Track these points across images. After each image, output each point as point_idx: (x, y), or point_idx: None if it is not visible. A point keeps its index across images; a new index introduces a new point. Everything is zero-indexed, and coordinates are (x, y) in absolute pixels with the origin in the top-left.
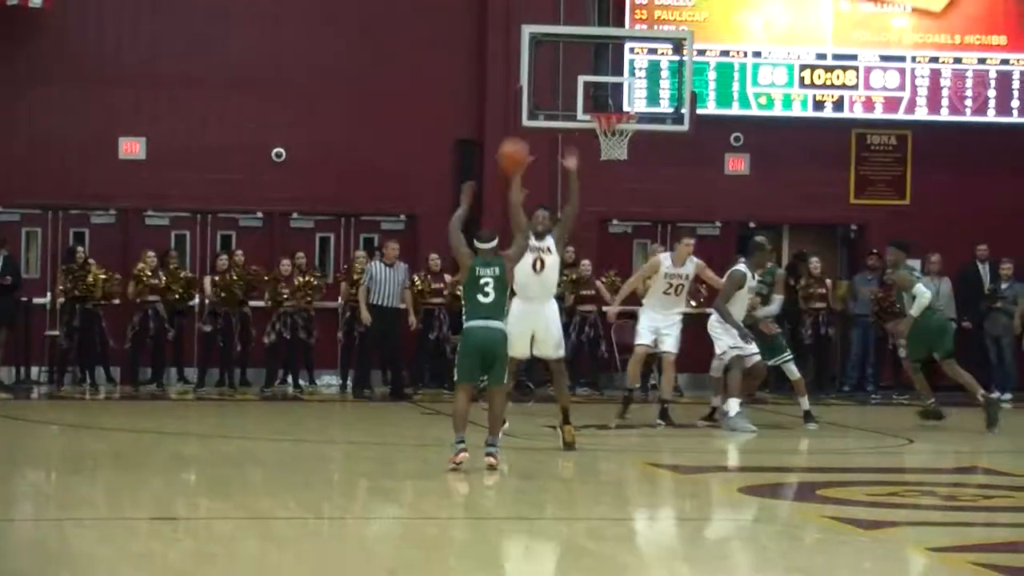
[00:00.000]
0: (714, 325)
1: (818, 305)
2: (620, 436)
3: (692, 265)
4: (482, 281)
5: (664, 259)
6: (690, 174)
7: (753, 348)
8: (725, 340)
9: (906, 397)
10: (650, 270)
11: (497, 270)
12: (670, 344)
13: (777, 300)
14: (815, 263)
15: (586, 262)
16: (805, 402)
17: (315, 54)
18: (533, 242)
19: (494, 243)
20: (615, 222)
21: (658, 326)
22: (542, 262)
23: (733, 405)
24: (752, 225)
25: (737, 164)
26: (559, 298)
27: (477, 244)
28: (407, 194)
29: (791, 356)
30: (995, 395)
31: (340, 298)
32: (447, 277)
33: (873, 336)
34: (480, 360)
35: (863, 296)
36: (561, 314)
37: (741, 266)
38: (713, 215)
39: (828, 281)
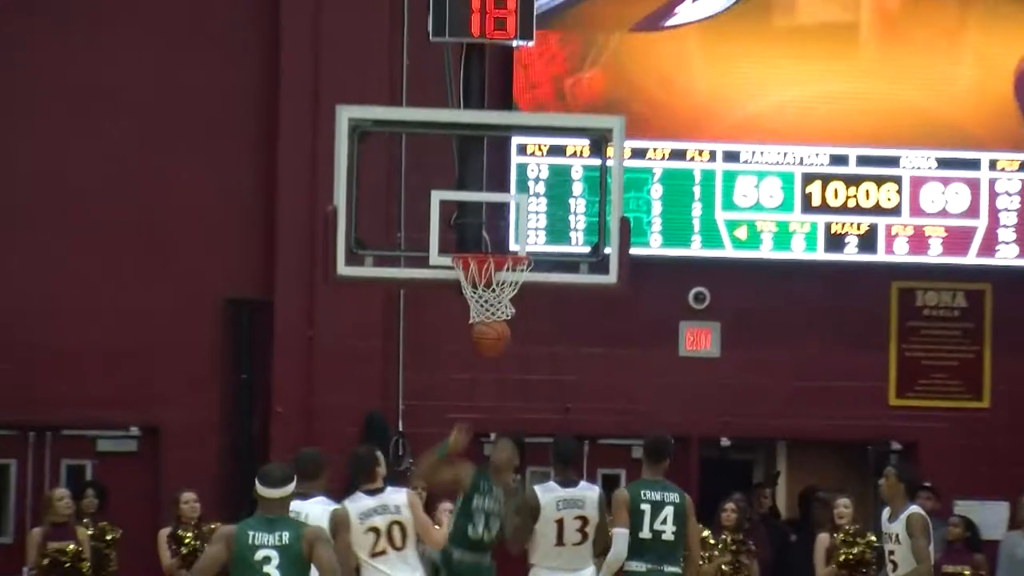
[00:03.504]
0: None
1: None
2: None
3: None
4: (258, 555)
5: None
6: (622, 357)
7: None
8: None
9: None
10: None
11: (286, 536)
12: None
13: None
14: (844, 507)
15: (446, 506)
16: None
17: None
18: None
19: (286, 490)
20: (496, 438)
21: None
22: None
23: None
24: (725, 442)
25: (700, 340)
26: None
27: (259, 490)
28: (143, 393)
29: None
30: None
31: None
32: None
33: None
34: None
35: None
36: None
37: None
38: (660, 424)
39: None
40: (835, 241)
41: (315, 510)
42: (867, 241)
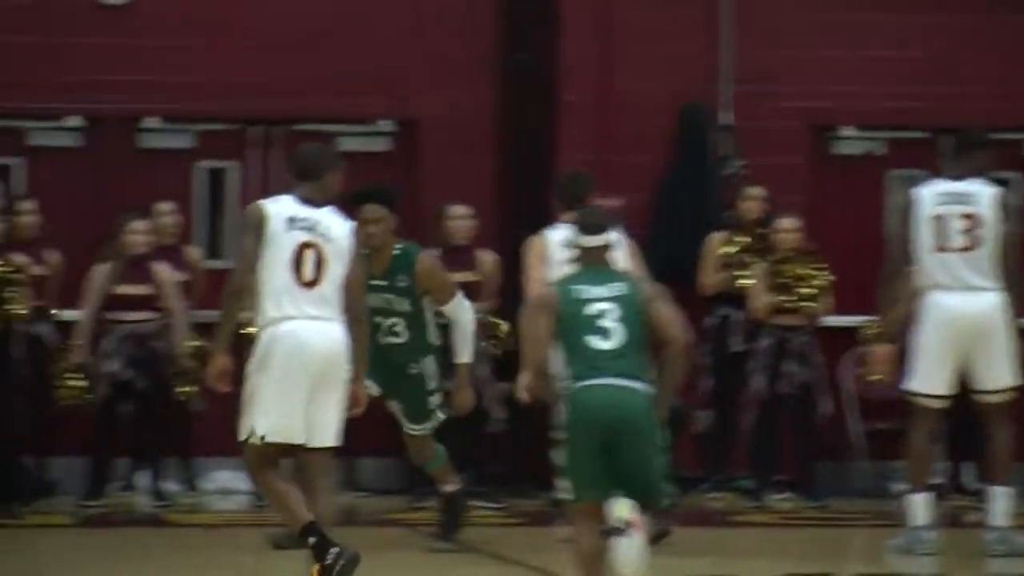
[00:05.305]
0: None
1: None
2: None
3: None
4: (593, 309)
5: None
6: (1013, 26)
7: None
8: None
9: None
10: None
11: (622, 287)
12: None
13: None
14: None
15: (789, 221)
16: None
17: None
18: None
19: (609, 236)
20: (847, 132)
21: None
22: None
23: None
24: None
25: None
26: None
27: (579, 240)
28: (395, 79)
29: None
30: None
31: None
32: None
33: None
34: (604, 453)
35: None
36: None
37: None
38: None
39: None
40: None
41: (334, 221)
42: None
